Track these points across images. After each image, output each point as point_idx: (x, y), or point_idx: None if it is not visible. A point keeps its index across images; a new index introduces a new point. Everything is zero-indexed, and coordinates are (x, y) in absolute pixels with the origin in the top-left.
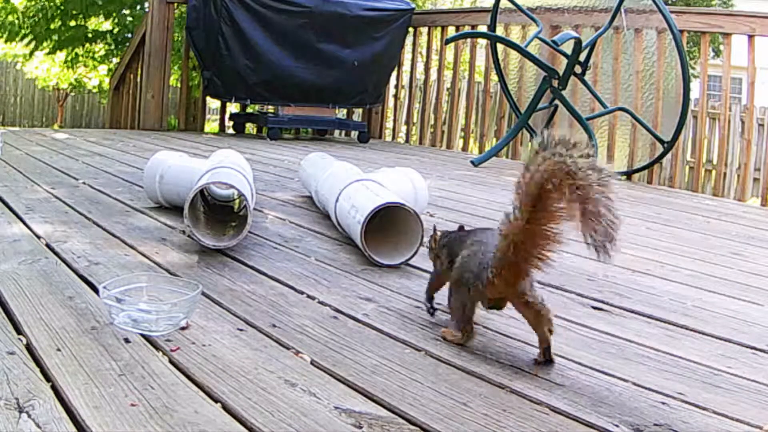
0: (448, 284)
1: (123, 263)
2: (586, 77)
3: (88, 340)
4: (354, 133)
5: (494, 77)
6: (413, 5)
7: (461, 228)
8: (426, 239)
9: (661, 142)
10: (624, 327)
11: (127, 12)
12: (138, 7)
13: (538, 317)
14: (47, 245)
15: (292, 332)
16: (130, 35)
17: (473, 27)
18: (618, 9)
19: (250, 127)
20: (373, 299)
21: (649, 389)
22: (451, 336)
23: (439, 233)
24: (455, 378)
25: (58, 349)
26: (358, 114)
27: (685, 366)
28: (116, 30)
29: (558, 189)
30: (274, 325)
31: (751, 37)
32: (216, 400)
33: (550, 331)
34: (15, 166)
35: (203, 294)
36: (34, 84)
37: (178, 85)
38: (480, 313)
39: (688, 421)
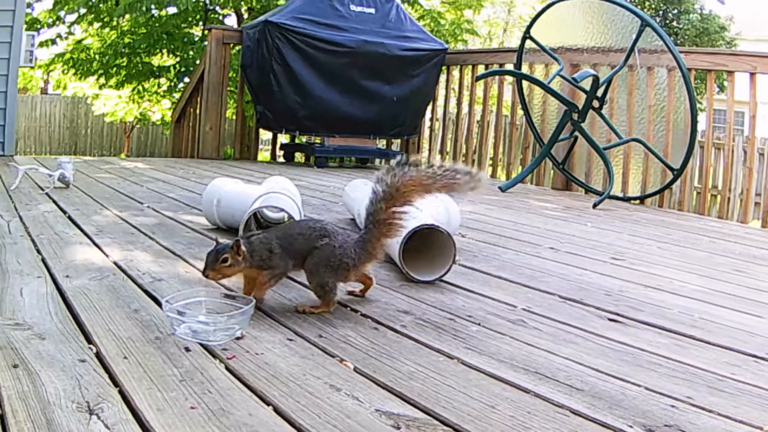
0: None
1: (184, 279)
2: (603, 111)
3: (152, 348)
4: (393, 162)
5: (520, 111)
6: (447, 46)
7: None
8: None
9: (671, 169)
10: (637, 337)
11: (185, 48)
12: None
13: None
14: (115, 263)
15: (336, 342)
16: (191, 69)
17: (501, 65)
18: (632, 49)
19: (299, 156)
20: (410, 312)
21: (660, 393)
22: (315, 309)
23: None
24: (484, 383)
25: (125, 357)
26: (396, 144)
27: (693, 372)
28: (178, 65)
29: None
30: (321, 336)
31: (752, 74)
32: (268, 404)
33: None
34: (86, 192)
35: (256, 307)
36: (103, 117)
37: (234, 117)
38: (506, 324)
39: (695, 422)
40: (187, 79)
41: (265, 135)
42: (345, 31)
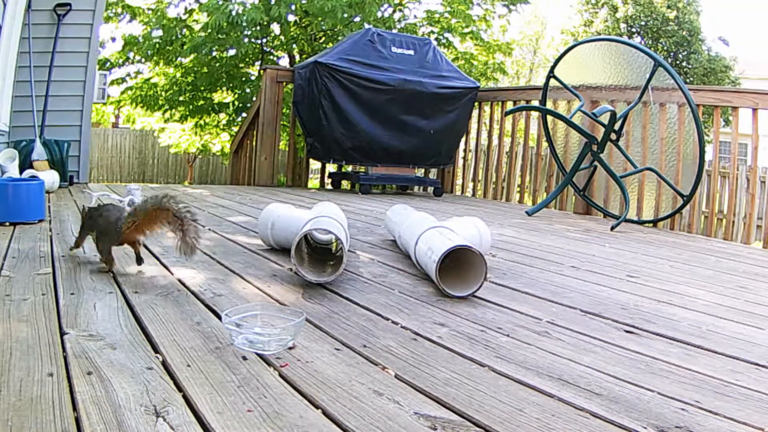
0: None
1: (241, 295)
2: (620, 143)
3: (212, 357)
4: (430, 189)
5: (545, 143)
6: (479, 84)
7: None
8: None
9: (681, 196)
10: (650, 347)
11: (243, 86)
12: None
13: (137, 248)
14: (179, 280)
15: (379, 351)
16: (248, 105)
17: (527, 102)
18: (646, 87)
19: (345, 184)
20: (446, 324)
21: (671, 398)
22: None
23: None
24: (513, 389)
25: (188, 365)
26: (433, 173)
27: (701, 379)
28: (236, 101)
29: (163, 213)
30: (365, 346)
31: (755, 110)
32: (317, 407)
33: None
34: None
35: (307, 320)
36: (168, 149)
37: (286, 149)
38: (533, 336)
39: (703, 424)
40: (244, 114)
41: (315, 164)
42: (387, 70)
